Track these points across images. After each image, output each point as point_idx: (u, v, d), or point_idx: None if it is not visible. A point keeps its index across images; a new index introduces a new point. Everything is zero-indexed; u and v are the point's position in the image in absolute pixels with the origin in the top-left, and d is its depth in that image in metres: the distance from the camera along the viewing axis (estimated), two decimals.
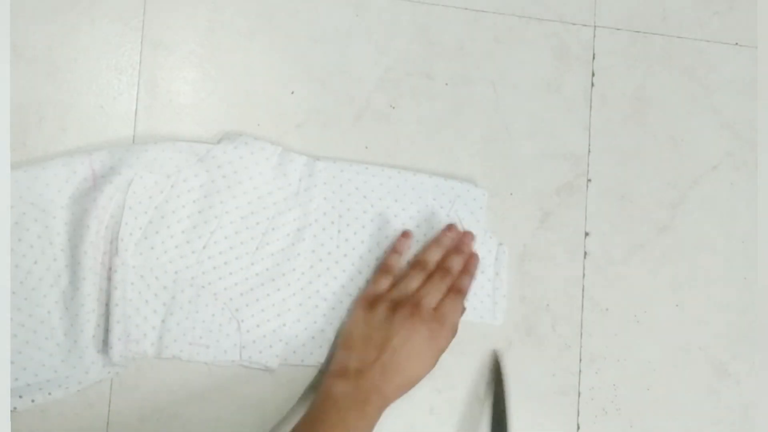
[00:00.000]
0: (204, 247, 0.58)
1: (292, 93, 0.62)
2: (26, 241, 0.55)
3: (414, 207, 0.62)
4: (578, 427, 0.64)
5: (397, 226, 0.62)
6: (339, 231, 0.61)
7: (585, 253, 0.65)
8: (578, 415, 0.64)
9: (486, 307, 0.62)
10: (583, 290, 0.65)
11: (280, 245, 0.60)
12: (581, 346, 0.64)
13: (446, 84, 0.64)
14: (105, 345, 0.55)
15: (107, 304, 0.56)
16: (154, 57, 0.60)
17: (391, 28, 0.64)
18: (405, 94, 0.64)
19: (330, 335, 0.60)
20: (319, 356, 0.59)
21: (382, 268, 0.60)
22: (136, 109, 0.59)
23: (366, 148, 0.63)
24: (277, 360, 0.58)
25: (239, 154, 0.59)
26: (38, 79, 0.58)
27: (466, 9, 0.65)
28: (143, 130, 0.59)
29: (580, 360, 0.64)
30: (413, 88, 0.64)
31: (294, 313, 0.59)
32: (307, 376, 0.60)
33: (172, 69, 0.60)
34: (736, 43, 0.70)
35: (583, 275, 0.65)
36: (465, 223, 0.62)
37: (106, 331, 0.55)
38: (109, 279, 0.56)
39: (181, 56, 0.61)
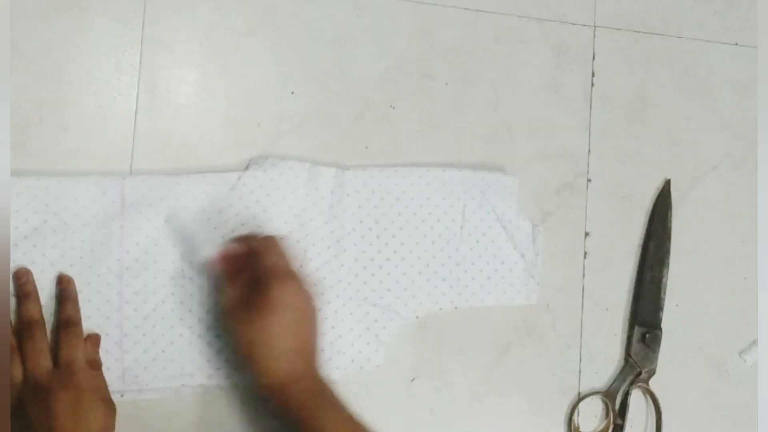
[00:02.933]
0: None
1: (292, 93, 0.62)
2: (40, 249, 0.55)
3: (447, 202, 0.62)
4: (578, 427, 0.63)
5: (433, 223, 0.62)
6: (378, 236, 0.61)
7: (585, 253, 0.65)
8: (578, 415, 0.64)
9: (516, 289, 0.62)
10: (583, 290, 0.65)
11: (323, 259, 0.59)
12: (581, 346, 0.64)
13: (446, 84, 0.64)
14: None
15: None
16: (154, 57, 0.60)
17: (391, 28, 0.64)
18: (405, 94, 0.64)
19: (384, 338, 0.60)
20: (377, 360, 0.59)
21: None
22: (136, 109, 0.59)
23: (366, 148, 0.63)
24: (338, 372, 0.58)
25: (269, 176, 0.59)
26: (38, 79, 0.58)
27: (466, 9, 0.65)
28: (143, 130, 0.59)
29: (580, 360, 0.64)
30: (413, 88, 0.64)
31: (347, 323, 0.59)
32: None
33: (172, 69, 0.60)
34: (736, 43, 0.70)
35: (583, 275, 0.65)
36: (497, 211, 0.62)
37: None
38: (121, 310, 0.55)
39: (181, 56, 0.61)
